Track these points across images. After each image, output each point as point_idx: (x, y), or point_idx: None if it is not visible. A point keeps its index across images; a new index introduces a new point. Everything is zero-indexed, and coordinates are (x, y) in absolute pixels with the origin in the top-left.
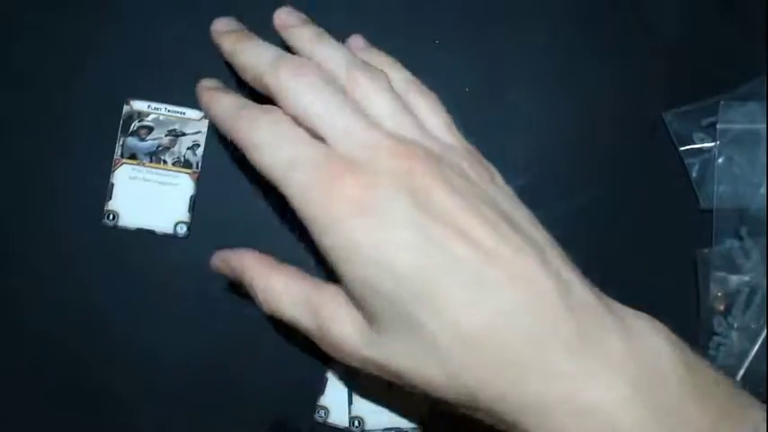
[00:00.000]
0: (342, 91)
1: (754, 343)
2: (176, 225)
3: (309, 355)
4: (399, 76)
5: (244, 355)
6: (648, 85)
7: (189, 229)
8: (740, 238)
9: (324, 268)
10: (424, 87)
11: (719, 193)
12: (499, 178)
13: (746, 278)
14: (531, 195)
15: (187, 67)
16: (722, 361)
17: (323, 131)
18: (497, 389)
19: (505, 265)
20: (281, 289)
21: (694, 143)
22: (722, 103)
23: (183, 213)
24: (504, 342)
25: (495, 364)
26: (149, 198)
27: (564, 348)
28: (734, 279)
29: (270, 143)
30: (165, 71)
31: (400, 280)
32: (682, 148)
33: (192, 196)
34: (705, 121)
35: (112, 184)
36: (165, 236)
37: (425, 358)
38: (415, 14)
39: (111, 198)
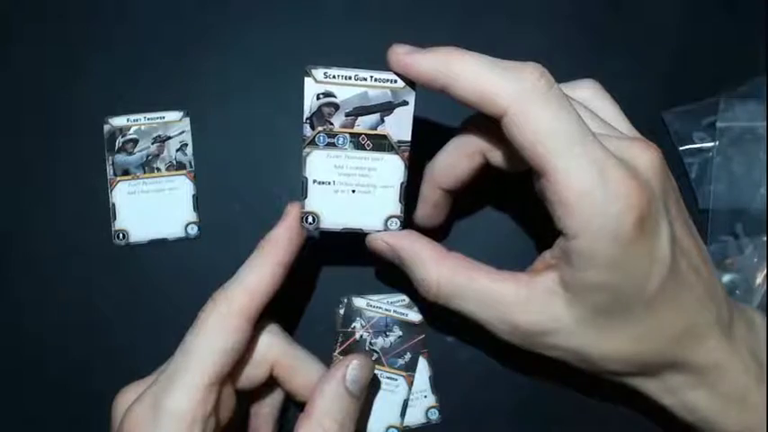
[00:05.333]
0: None
1: None
2: (186, 227)
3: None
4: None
5: None
6: (648, 84)
7: (199, 228)
8: (735, 236)
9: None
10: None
11: (716, 191)
12: None
13: (740, 276)
14: (531, 195)
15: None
16: None
17: (593, 128)
18: (672, 361)
19: (703, 277)
20: (455, 282)
21: (694, 143)
22: (722, 102)
23: (189, 214)
24: (692, 337)
25: (678, 346)
26: (153, 208)
27: (722, 342)
28: (726, 277)
29: (555, 126)
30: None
31: (645, 288)
32: (681, 148)
33: (194, 195)
34: (705, 121)
35: (114, 204)
36: (178, 240)
37: (624, 342)
38: (415, 14)
39: (115, 218)
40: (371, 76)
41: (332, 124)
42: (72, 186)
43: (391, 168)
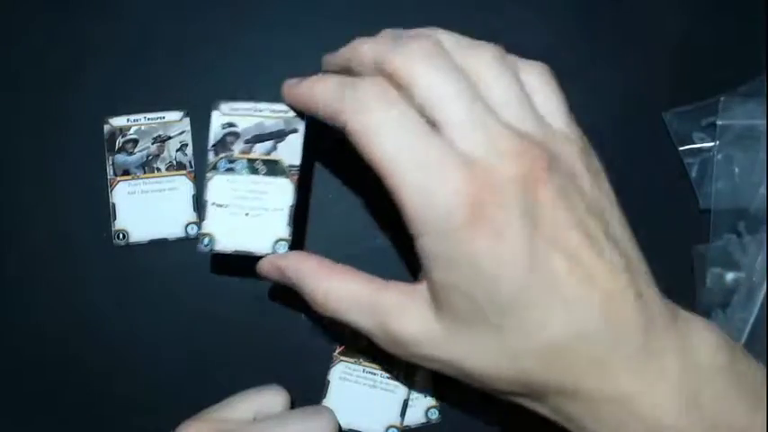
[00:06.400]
0: (465, 77)
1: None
2: (186, 227)
3: (313, 355)
4: (501, 53)
5: (247, 355)
6: (648, 84)
7: (199, 228)
8: (738, 234)
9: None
10: (533, 64)
11: (717, 190)
12: (604, 178)
13: (743, 274)
14: None
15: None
16: None
17: (442, 119)
18: (558, 386)
19: (600, 287)
20: (341, 292)
21: (694, 143)
22: (722, 102)
23: (189, 214)
24: (576, 359)
25: (562, 370)
26: (153, 208)
27: (628, 370)
28: (730, 275)
29: (383, 131)
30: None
31: (498, 292)
32: (681, 148)
33: (194, 195)
34: (705, 121)
35: (114, 204)
36: (178, 240)
37: (498, 358)
38: (415, 15)
39: (115, 218)
40: (268, 108)
41: (233, 152)
42: (72, 186)
43: (281, 191)
